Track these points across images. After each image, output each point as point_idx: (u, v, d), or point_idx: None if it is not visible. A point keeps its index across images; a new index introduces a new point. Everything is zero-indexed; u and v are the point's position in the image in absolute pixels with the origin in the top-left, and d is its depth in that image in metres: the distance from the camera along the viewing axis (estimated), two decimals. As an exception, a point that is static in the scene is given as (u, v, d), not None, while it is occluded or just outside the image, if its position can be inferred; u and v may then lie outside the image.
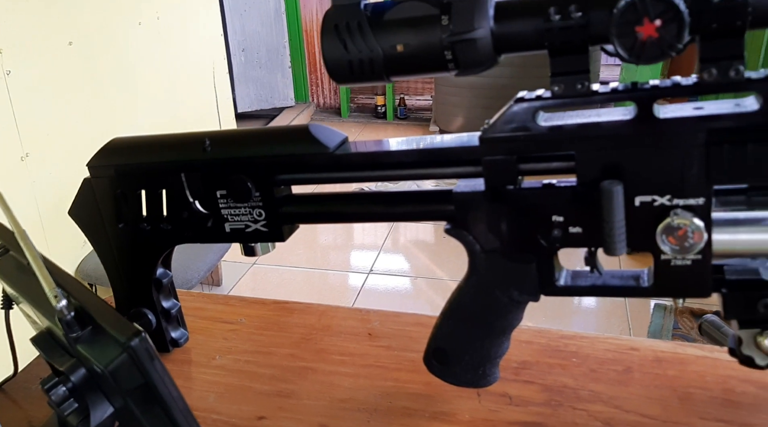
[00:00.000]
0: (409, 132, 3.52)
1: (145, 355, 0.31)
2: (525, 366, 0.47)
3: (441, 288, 2.11)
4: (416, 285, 2.18)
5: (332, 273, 2.22)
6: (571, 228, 0.37)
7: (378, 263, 2.29)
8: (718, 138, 0.33)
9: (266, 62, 3.51)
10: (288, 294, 2.03)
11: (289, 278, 2.17)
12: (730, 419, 0.42)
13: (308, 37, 3.70)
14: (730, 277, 0.36)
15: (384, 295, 2.11)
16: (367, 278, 2.20)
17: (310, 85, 3.83)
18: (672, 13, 0.29)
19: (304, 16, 3.63)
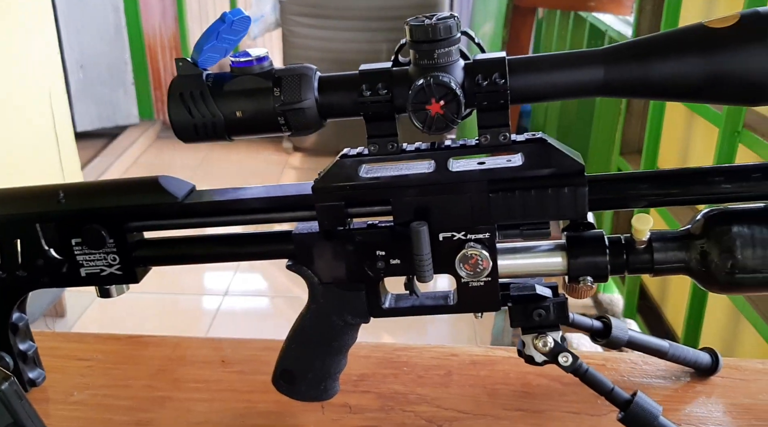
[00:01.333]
0: (260, 149, 3.52)
1: (14, 396, 0.35)
2: (363, 378, 0.54)
3: (300, 306, 2.16)
4: (275, 304, 2.21)
5: (184, 297, 2.19)
6: (392, 260, 0.44)
7: (234, 284, 2.29)
8: (495, 186, 0.41)
9: (107, 79, 3.38)
10: (138, 323, 1.96)
11: (138, 306, 2.11)
12: (527, 408, 0.51)
13: (151, 53, 3.61)
14: (514, 293, 0.45)
15: (241, 317, 2.12)
16: (222, 300, 2.19)
17: (155, 101, 3.72)
18: (451, 96, 0.37)
19: (147, 32, 3.54)
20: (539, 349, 0.44)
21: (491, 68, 0.39)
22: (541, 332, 0.44)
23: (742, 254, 0.39)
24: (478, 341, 2.04)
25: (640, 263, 0.42)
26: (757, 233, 0.40)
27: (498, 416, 0.50)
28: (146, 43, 3.53)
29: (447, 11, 0.40)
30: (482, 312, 0.45)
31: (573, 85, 0.39)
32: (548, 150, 0.41)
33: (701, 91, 0.37)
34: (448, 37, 0.38)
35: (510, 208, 0.42)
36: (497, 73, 0.38)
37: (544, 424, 0.50)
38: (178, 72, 0.41)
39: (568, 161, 0.41)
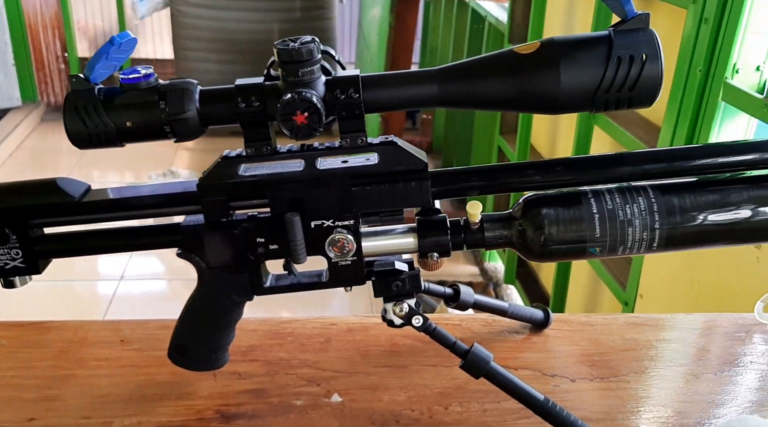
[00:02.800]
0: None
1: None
2: (252, 349, 0.62)
3: (196, 287, 2.19)
4: (172, 287, 2.22)
5: (81, 284, 2.17)
6: (271, 246, 0.51)
7: (129, 268, 2.28)
8: (356, 181, 0.49)
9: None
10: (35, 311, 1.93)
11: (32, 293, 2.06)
12: (393, 364, 0.61)
13: (33, 33, 3.44)
14: (377, 269, 0.54)
15: (139, 300, 2.12)
16: (118, 284, 2.18)
17: (39, 83, 3.56)
18: (313, 109, 0.45)
19: (27, 11, 3.37)
20: (397, 314, 0.53)
21: (347, 84, 0.46)
22: (399, 300, 0.53)
23: (549, 230, 0.50)
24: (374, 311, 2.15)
25: (474, 241, 0.52)
26: (561, 213, 0.50)
27: (368, 373, 0.59)
28: (27, 23, 3.36)
29: (309, 37, 0.47)
30: (351, 286, 0.53)
31: (414, 98, 0.47)
32: (398, 151, 0.49)
33: (514, 103, 0.47)
34: (309, 58, 0.46)
35: (369, 199, 0.50)
36: (352, 88, 0.46)
37: (406, 376, 0.59)
38: (72, 87, 0.46)
39: (414, 160, 0.49)
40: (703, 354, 0.64)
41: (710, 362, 0.63)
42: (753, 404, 0.57)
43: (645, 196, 0.49)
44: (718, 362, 0.63)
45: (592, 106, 0.46)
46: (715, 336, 0.67)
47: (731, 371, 0.62)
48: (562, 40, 0.46)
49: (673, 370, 0.62)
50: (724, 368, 0.62)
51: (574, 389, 0.59)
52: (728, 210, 0.49)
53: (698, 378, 0.61)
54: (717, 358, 0.64)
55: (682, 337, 0.67)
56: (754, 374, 0.61)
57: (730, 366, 0.62)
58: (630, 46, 0.44)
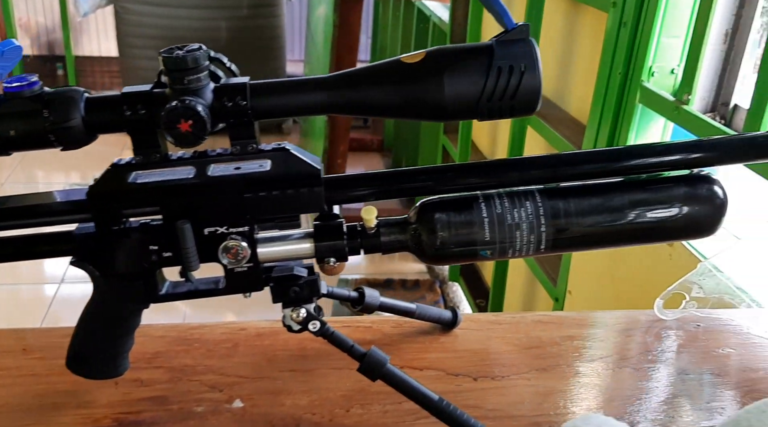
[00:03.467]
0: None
1: None
2: (157, 355, 0.62)
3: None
4: (114, 289, 2.19)
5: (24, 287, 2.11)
6: (164, 253, 0.51)
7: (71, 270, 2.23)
8: (248, 187, 0.50)
9: None
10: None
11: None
12: (299, 368, 0.61)
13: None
14: (275, 275, 0.54)
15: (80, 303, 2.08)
16: (58, 288, 2.14)
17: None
18: (197, 117, 0.45)
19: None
20: (294, 319, 0.53)
21: (235, 92, 0.47)
22: (297, 305, 0.54)
23: (442, 234, 0.51)
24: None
25: (371, 245, 0.53)
26: (453, 217, 0.51)
27: (273, 378, 0.60)
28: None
29: (197, 44, 0.47)
30: (248, 293, 0.54)
31: (304, 105, 0.48)
32: (290, 157, 0.50)
33: (401, 111, 0.48)
34: (195, 66, 0.46)
35: (262, 206, 0.50)
36: (239, 96, 0.47)
37: (311, 380, 0.60)
38: (-50, 97, 0.46)
39: (306, 167, 0.50)
40: (604, 351, 0.66)
41: (611, 360, 0.65)
42: (656, 398, 0.60)
43: (532, 200, 0.51)
44: (618, 358, 0.65)
45: (477, 114, 0.47)
46: (618, 333, 0.69)
47: (634, 366, 0.64)
48: (446, 50, 0.47)
49: (575, 367, 0.64)
50: (627, 363, 0.64)
51: (476, 388, 0.60)
52: (612, 213, 0.51)
53: (599, 375, 0.63)
54: (618, 355, 0.66)
55: (586, 334, 0.69)
56: (657, 370, 0.64)
57: (633, 362, 0.64)
58: (509, 56, 0.46)
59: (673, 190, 0.51)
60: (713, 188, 0.51)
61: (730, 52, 0.94)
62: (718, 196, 0.51)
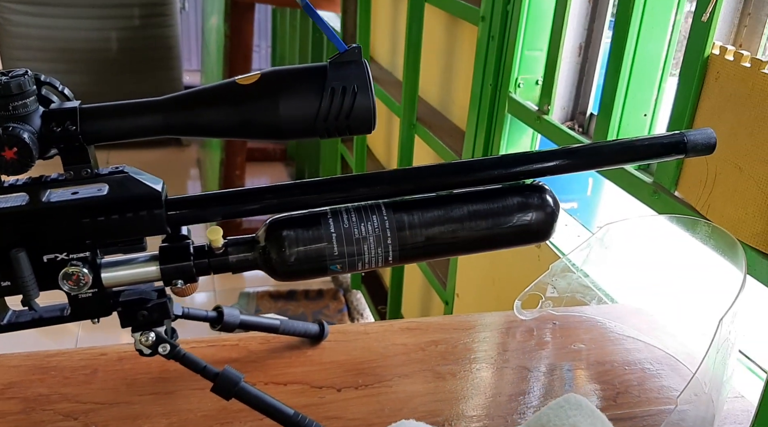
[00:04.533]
0: None
1: None
2: (10, 386, 0.59)
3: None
4: None
5: None
6: (3, 282, 0.50)
7: None
8: (85, 212, 0.49)
9: None
10: None
11: None
12: (159, 391, 0.60)
13: None
14: (123, 299, 0.53)
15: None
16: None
17: None
18: (22, 144, 0.44)
19: None
20: (144, 343, 0.53)
21: (64, 117, 0.46)
22: (146, 329, 0.53)
23: (290, 251, 0.52)
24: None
25: (220, 265, 0.53)
26: (301, 234, 0.52)
27: (131, 402, 0.59)
28: None
29: (22, 69, 0.46)
30: (96, 318, 0.53)
31: (139, 128, 0.48)
32: (129, 180, 0.49)
33: (239, 132, 0.48)
34: (20, 92, 0.45)
35: (102, 230, 0.49)
36: (69, 121, 0.46)
37: (172, 402, 0.59)
38: None
39: (146, 189, 0.49)
40: (467, 353, 0.69)
41: (472, 361, 0.68)
42: (516, 395, 0.63)
43: (379, 214, 0.53)
44: (482, 359, 0.68)
45: (315, 133, 0.49)
46: (482, 334, 0.72)
47: (493, 367, 0.67)
48: (281, 72, 0.48)
49: (436, 370, 0.66)
50: (489, 364, 0.67)
51: (339, 399, 0.61)
52: (452, 224, 0.53)
53: (456, 377, 0.65)
54: (482, 356, 0.69)
55: (451, 338, 0.71)
56: (515, 368, 0.67)
57: (494, 361, 0.68)
58: (342, 77, 0.47)
59: (507, 200, 0.54)
60: (544, 197, 0.55)
61: (585, 64, 1.00)
62: (549, 204, 0.54)
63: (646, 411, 0.63)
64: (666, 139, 0.55)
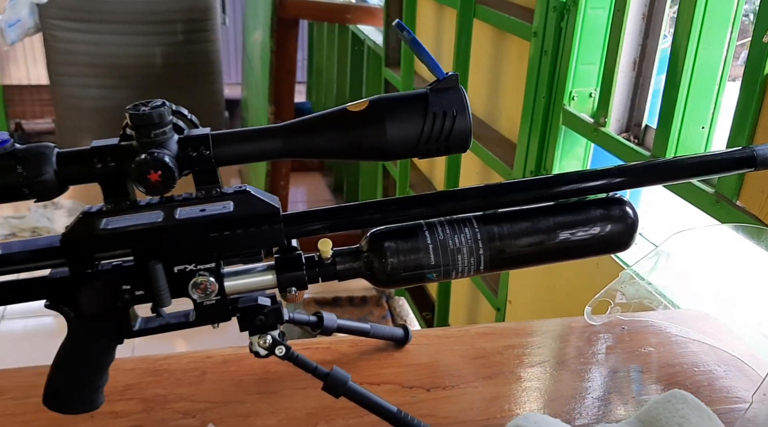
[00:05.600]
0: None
1: None
2: (129, 387, 0.65)
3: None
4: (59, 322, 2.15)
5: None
6: (137, 292, 0.55)
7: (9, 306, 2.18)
8: (213, 228, 0.54)
9: None
10: None
11: None
12: (265, 391, 0.65)
13: None
14: (241, 305, 0.58)
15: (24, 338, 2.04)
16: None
17: None
18: (166, 168, 0.49)
19: None
20: (261, 346, 0.58)
21: (199, 142, 0.51)
22: (263, 332, 0.58)
23: (392, 261, 0.56)
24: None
25: (328, 274, 0.58)
26: (401, 245, 0.57)
27: (242, 401, 0.64)
28: None
29: (160, 101, 0.51)
30: (217, 323, 0.58)
31: (262, 152, 0.53)
32: (251, 198, 0.54)
33: (349, 154, 0.53)
34: (160, 121, 0.50)
35: (227, 244, 0.54)
36: (203, 146, 0.51)
37: (278, 401, 0.64)
38: (-76, 155, 0.48)
39: (266, 206, 0.55)
40: (543, 356, 0.73)
41: (549, 364, 0.72)
42: (590, 396, 0.67)
43: (470, 226, 0.57)
44: (556, 362, 0.72)
45: (416, 154, 0.53)
46: (555, 339, 0.76)
47: (569, 370, 0.71)
48: (387, 99, 0.53)
49: (516, 372, 0.70)
50: (564, 366, 0.71)
51: (429, 398, 0.66)
52: (539, 235, 0.58)
53: (539, 379, 0.69)
54: (556, 359, 0.73)
55: (525, 342, 0.76)
56: (589, 371, 0.71)
57: (569, 365, 0.72)
58: (442, 103, 0.52)
59: (591, 213, 0.58)
60: (625, 209, 0.58)
61: (639, 78, 1.04)
62: (630, 216, 0.58)
63: (718, 409, 0.67)
64: (737, 153, 0.59)
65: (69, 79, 3.10)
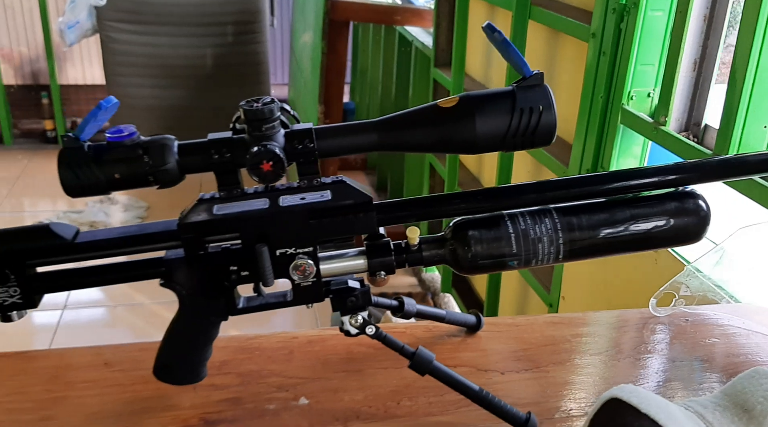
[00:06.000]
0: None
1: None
2: (224, 363, 0.70)
3: (143, 313, 2.21)
4: (116, 314, 2.24)
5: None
6: (242, 272, 0.60)
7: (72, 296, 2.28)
8: (312, 215, 0.59)
9: None
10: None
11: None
12: (350, 369, 0.70)
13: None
14: (333, 287, 0.63)
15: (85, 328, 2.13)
16: (62, 314, 2.18)
17: (-39, 113, 3.48)
18: (277, 159, 0.54)
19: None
20: (353, 325, 0.62)
21: (303, 136, 0.56)
22: (354, 313, 0.63)
23: (475, 248, 0.60)
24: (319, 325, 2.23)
25: (414, 260, 0.62)
26: (484, 234, 0.61)
27: (329, 378, 0.68)
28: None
29: (269, 97, 0.56)
30: (312, 303, 0.62)
31: (359, 145, 0.57)
32: (347, 188, 0.59)
33: (440, 147, 0.57)
34: (270, 116, 0.55)
35: (325, 229, 0.59)
36: (307, 139, 0.56)
37: (362, 379, 0.69)
38: (64, 145, 0.54)
39: (360, 195, 0.59)
40: (610, 344, 0.76)
41: (617, 351, 0.75)
42: (655, 383, 0.70)
43: (550, 217, 0.61)
44: (623, 350, 0.75)
45: (503, 148, 0.57)
46: (620, 329, 0.79)
47: (634, 357, 0.74)
48: (476, 96, 0.57)
49: (585, 359, 0.73)
50: (630, 354, 0.74)
51: (504, 381, 0.70)
52: (616, 226, 0.61)
53: (606, 365, 0.73)
54: (623, 347, 0.76)
55: (593, 331, 0.79)
56: (654, 359, 0.74)
57: (634, 353, 0.75)
58: (529, 99, 0.56)
59: (665, 205, 0.61)
60: (698, 202, 0.61)
61: (699, 78, 1.06)
62: (702, 208, 0.61)
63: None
64: (808, 150, 0.61)
65: (124, 79, 3.20)
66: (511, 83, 0.58)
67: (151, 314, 2.07)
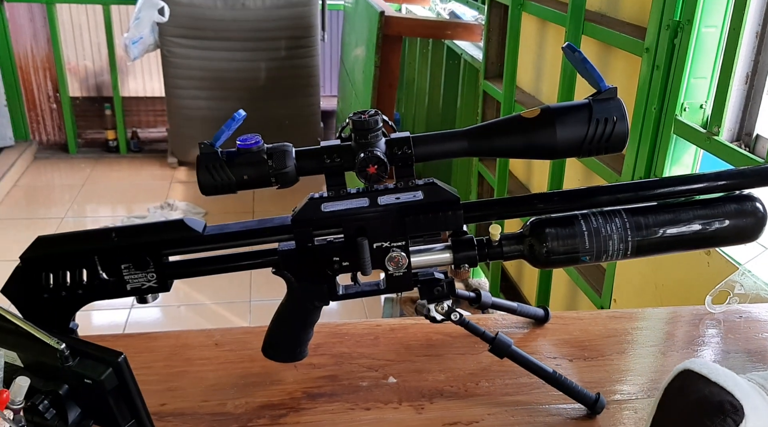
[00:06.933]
0: (145, 165, 3.60)
1: (125, 368, 0.55)
2: (319, 346, 0.78)
3: (205, 312, 2.32)
4: (180, 313, 2.35)
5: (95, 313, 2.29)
6: (344, 263, 0.68)
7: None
8: (406, 212, 0.67)
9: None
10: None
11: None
12: (430, 354, 0.78)
13: (24, 74, 3.57)
14: (420, 278, 0.71)
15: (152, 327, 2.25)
16: (129, 313, 2.31)
17: (30, 122, 3.68)
18: (381, 163, 0.62)
19: (18, 53, 3.50)
20: (439, 312, 0.70)
21: (402, 143, 0.64)
22: (440, 301, 0.70)
23: (552, 244, 0.67)
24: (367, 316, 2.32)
25: (495, 254, 0.69)
26: (559, 231, 0.68)
27: (413, 361, 0.76)
28: (18, 65, 3.49)
29: (373, 110, 0.64)
30: (401, 292, 0.70)
31: (451, 151, 0.65)
32: (437, 189, 0.67)
33: (523, 153, 0.65)
34: (375, 126, 0.63)
35: (416, 226, 0.67)
36: (405, 145, 0.64)
37: (443, 362, 0.76)
38: (201, 151, 0.63)
39: (449, 195, 0.67)
40: (667, 337, 0.82)
41: (673, 343, 0.81)
42: (706, 371, 0.76)
43: (620, 217, 0.67)
44: (679, 342, 0.81)
45: (580, 153, 0.64)
46: (676, 324, 0.86)
47: (689, 348, 0.80)
48: (556, 107, 0.64)
49: (645, 349, 0.80)
50: (685, 346, 0.80)
51: (572, 366, 0.76)
52: (680, 225, 0.67)
53: (664, 355, 0.79)
54: (678, 339, 0.82)
55: (651, 325, 0.85)
56: (708, 350, 0.80)
57: (689, 345, 0.81)
58: (605, 111, 0.63)
59: (726, 207, 0.67)
60: (756, 204, 0.68)
61: (751, 91, 1.11)
62: (760, 210, 0.67)
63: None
64: None
65: (182, 91, 3.35)
66: (563, 94, 0.65)
67: (212, 314, 2.18)
